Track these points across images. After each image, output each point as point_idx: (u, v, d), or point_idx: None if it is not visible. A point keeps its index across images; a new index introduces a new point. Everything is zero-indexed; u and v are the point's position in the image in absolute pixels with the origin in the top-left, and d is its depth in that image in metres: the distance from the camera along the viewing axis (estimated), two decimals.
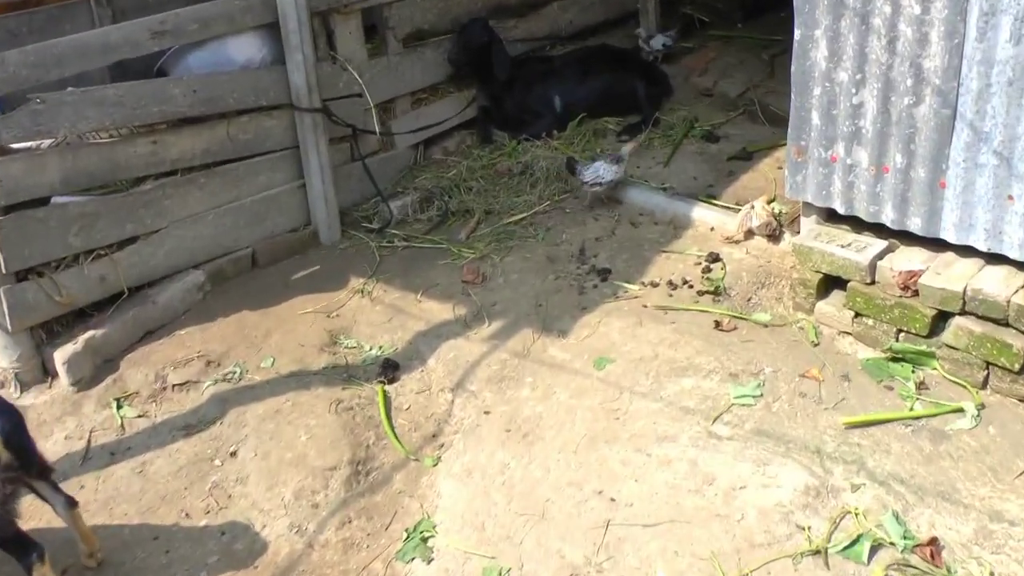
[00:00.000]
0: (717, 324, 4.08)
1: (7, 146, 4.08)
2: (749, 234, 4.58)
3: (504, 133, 5.86)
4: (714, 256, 4.52)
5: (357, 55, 5.17)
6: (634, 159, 5.35)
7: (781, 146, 4.86)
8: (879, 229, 3.96)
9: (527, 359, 4.05)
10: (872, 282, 3.86)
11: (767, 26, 6.90)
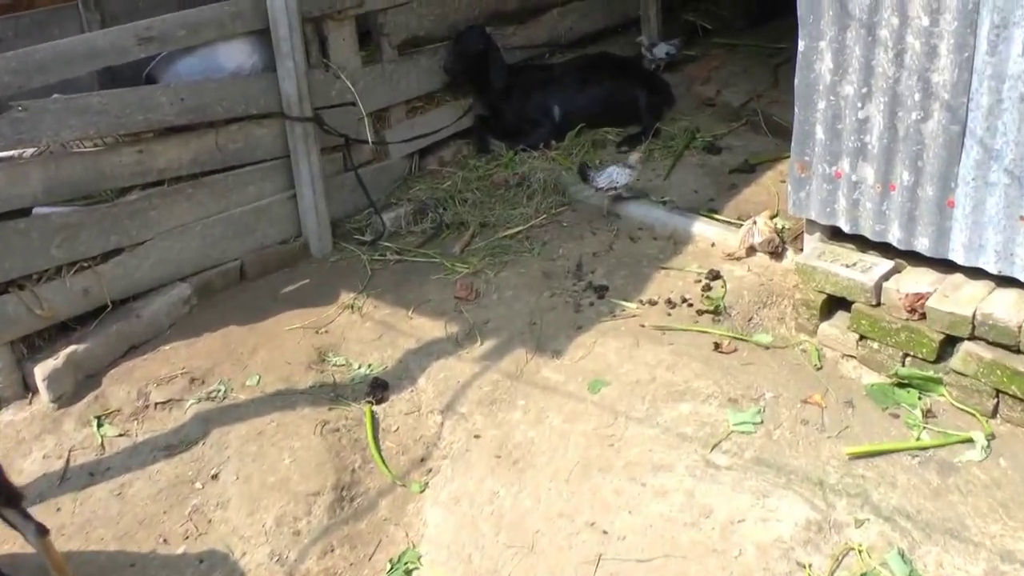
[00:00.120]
0: (716, 346, 3.95)
1: None
2: (751, 251, 4.46)
3: (501, 143, 5.73)
4: (714, 273, 4.39)
5: (351, 62, 5.05)
6: None
7: (785, 158, 4.74)
8: (885, 249, 3.83)
9: (520, 380, 3.92)
10: (877, 304, 3.72)
11: (772, 33, 6.76)
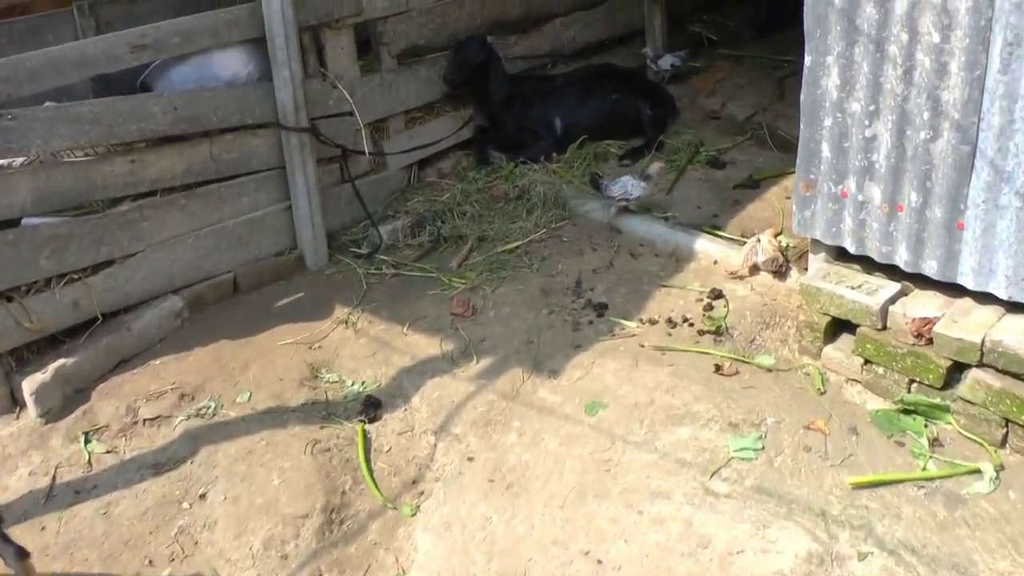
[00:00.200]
0: (718, 367, 3.85)
1: None
2: (754, 269, 4.36)
3: (501, 155, 5.64)
4: (717, 292, 4.30)
5: (349, 72, 4.97)
6: None
7: (790, 174, 4.65)
8: (892, 271, 3.73)
9: (515, 401, 3.83)
10: (883, 328, 3.62)
11: (779, 45, 6.67)
